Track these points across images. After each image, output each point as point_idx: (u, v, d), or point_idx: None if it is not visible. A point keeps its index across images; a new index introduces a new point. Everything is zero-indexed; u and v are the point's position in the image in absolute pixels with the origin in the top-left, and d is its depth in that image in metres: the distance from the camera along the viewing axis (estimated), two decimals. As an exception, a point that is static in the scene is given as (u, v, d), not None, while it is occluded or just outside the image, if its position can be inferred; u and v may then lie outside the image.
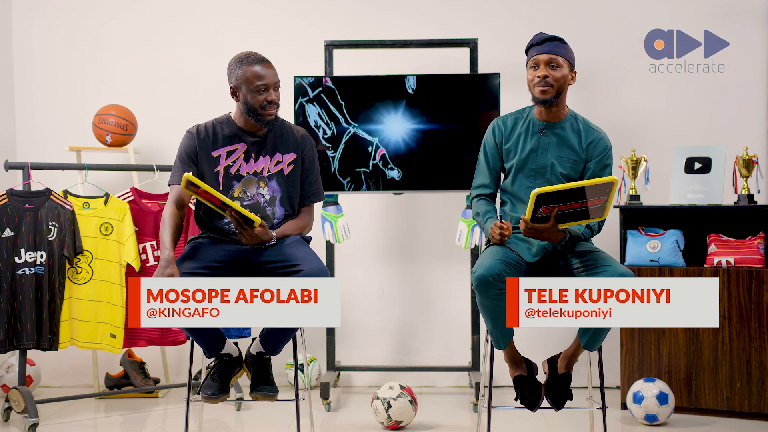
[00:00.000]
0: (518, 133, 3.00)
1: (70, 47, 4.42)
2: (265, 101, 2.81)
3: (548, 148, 2.96)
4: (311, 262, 2.68)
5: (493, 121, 3.10)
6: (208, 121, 2.95)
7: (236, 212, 2.65)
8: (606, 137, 2.99)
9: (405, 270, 4.38)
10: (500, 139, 3.03)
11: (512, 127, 3.03)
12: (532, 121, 3.01)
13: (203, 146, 2.87)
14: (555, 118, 2.98)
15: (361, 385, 4.34)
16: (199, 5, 4.41)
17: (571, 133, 2.97)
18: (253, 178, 2.89)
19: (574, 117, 3.00)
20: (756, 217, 3.74)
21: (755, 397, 3.54)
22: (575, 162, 2.95)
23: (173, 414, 3.79)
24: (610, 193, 2.61)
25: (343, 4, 4.37)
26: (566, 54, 2.92)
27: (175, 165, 2.90)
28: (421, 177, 3.83)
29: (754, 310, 3.54)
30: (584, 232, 2.93)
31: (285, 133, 2.96)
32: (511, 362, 2.96)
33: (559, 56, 2.89)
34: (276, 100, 2.84)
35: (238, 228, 2.71)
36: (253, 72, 2.81)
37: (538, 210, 2.67)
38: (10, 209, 3.58)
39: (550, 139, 2.96)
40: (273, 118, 2.86)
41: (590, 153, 2.96)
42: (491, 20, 4.30)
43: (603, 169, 2.96)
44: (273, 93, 2.83)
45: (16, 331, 3.56)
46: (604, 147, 2.96)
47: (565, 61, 2.91)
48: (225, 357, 2.87)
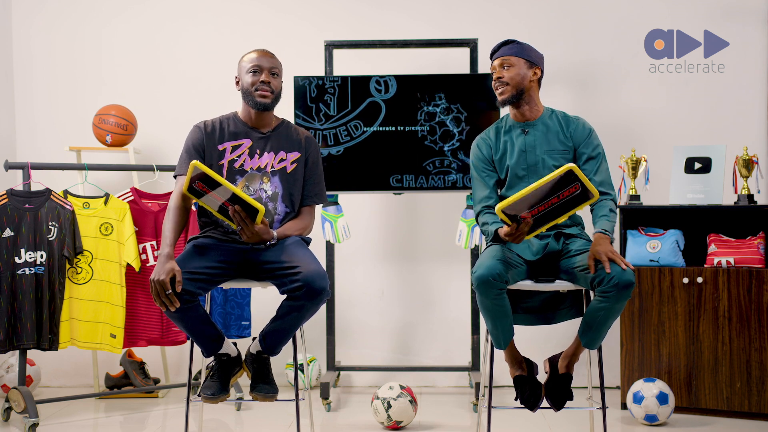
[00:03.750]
0: (504, 141, 3.04)
1: (70, 47, 4.42)
2: (258, 82, 2.88)
3: (536, 145, 2.99)
4: (309, 264, 2.68)
5: (476, 139, 3.11)
6: (215, 117, 3.00)
7: (240, 202, 2.65)
8: (585, 121, 3.04)
9: (405, 270, 4.39)
10: (489, 152, 3.05)
11: (496, 137, 3.06)
12: (512, 125, 3.05)
13: (210, 139, 2.92)
14: (532, 116, 3.02)
15: (361, 385, 4.34)
16: (199, 5, 4.41)
17: (552, 125, 3.01)
18: (256, 173, 2.92)
19: (551, 111, 3.05)
20: (756, 217, 3.74)
21: (755, 397, 3.54)
22: (564, 152, 2.98)
23: (173, 414, 3.79)
24: (578, 176, 2.60)
25: (343, 4, 4.37)
26: (519, 52, 2.97)
27: (182, 157, 2.93)
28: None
29: (754, 310, 3.54)
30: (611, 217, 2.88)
31: (290, 133, 3.01)
32: (511, 362, 2.96)
33: (510, 56, 2.97)
34: (269, 82, 2.89)
35: (240, 224, 2.71)
36: (249, 57, 2.94)
37: (515, 219, 2.68)
38: (10, 209, 3.58)
39: (535, 136, 3.00)
40: (266, 101, 2.90)
41: (576, 139, 2.99)
42: (491, 20, 4.30)
43: (595, 148, 2.98)
44: (266, 75, 2.89)
45: (16, 331, 3.56)
46: (586, 129, 3.00)
47: (519, 59, 2.97)
48: (224, 357, 2.87)
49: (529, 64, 2.98)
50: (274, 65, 2.93)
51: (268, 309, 2.90)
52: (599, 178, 2.95)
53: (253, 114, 2.95)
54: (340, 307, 4.27)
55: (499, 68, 2.99)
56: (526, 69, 2.97)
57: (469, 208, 3.90)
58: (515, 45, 3.00)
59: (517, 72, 2.96)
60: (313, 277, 2.63)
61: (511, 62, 2.96)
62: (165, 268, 2.61)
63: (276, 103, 2.94)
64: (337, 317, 4.22)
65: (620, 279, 2.68)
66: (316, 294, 2.64)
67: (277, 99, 2.94)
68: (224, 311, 3.82)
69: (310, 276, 2.63)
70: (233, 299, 3.85)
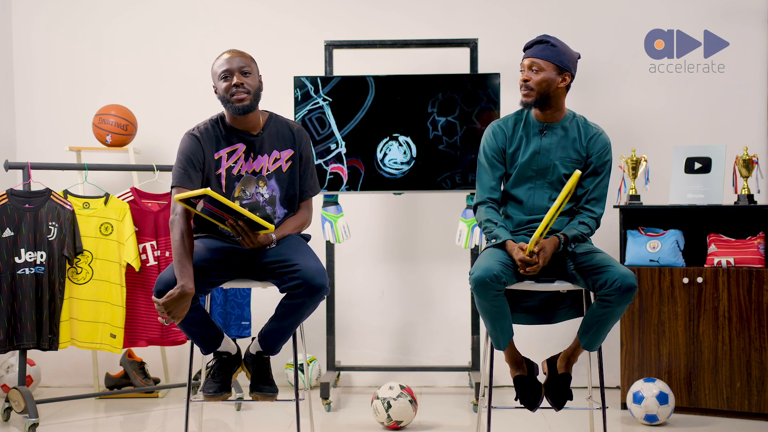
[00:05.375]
0: (520, 136, 2.97)
1: (70, 47, 4.42)
2: (232, 86, 2.77)
3: (550, 149, 2.94)
4: (308, 262, 2.67)
5: (491, 124, 3.03)
6: (202, 122, 2.89)
7: (246, 220, 2.63)
8: (605, 134, 2.98)
9: (405, 270, 4.38)
10: (503, 142, 2.98)
11: (513, 128, 2.99)
12: (531, 122, 2.98)
13: (207, 148, 2.83)
14: (553, 119, 2.96)
15: (361, 385, 4.34)
16: (199, 5, 4.41)
17: (571, 132, 2.95)
18: (252, 177, 2.87)
19: (572, 116, 2.99)
20: (756, 217, 3.74)
21: (755, 397, 3.54)
22: (577, 162, 2.94)
23: (173, 414, 3.79)
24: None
25: (343, 4, 4.37)
26: (550, 56, 2.86)
27: (176, 168, 2.81)
28: (420, 177, 3.84)
29: (754, 310, 3.54)
30: (581, 229, 2.89)
31: (280, 128, 2.91)
32: (511, 362, 2.96)
33: (540, 59, 2.86)
34: (242, 83, 2.76)
35: (241, 234, 2.69)
36: (218, 63, 2.81)
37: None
38: (10, 209, 3.58)
39: (552, 140, 2.94)
40: (245, 103, 2.77)
41: (590, 149, 2.94)
42: (491, 20, 4.29)
43: (603, 164, 2.94)
44: (237, 77, 2.76)
45: (16, 331, 3.56)
46: (603, 143, 2.95)
47: (549, 64, 2.86)
48: (224, 355, 2.87)
49: (559, 70, 2.87)
50: (243, 64, 2.79)
51: (268, 309, 2.90)
52: (594, 194, 2.94)
53: (239, 118, 2.84)
54: (340, 307, 4.27)
55: (527, 70, 2.88)
56: (555, 75, 2.87)
57: (469, 208, 3.90)
58: (548, 47, 2.87)
59: (544, 78, 2.86)
60: (312, 274, 2.63)
61: (540, 66, 2.86)
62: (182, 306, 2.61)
63: (257, 101, 2.82)
64: (337, 317, 4.22)
65: (623, 282, 2.67)
66: (315, 291, 2.64)
67: (257, 97, 2.81)
68: (224, 311, 3.82)
69: (309, 273, 2.63)
70: (233, 299, 3.85)
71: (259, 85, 2.83)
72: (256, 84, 2.81)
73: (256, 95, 2.80)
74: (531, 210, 2.97)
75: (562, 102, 2.95)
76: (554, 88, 2.88)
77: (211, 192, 2.53)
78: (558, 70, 2.87)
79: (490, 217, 2.93)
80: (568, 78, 2.90)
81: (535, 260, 2.75)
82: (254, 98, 2.80)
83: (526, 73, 2.89)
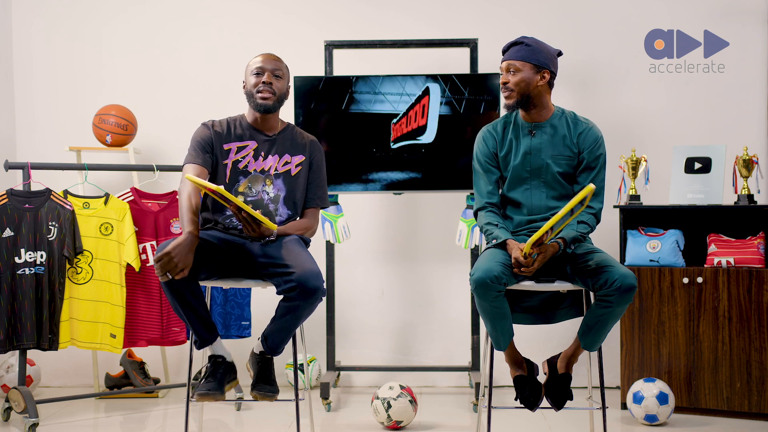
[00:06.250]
0: (509, 139, 3.00)
1: (70, 47, 4.42)
2: (260, 83, 2.90)
3: (541, 148, 2.95)
4: (303, 264, 2.67)
5: (481, 130, 3.07)
6: (222, 118, 3.03)
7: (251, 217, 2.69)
8: (596, 127, 2.98)
9: (405, 270, 4.39)
10: (494, 146, 3.01)
11: (503, 132, 3.01)
12: (520, 124, 3.00)
13: (218, 137, 2.95)
14: (540, 118, 2.97)
15: (361, 385, 4.34)
16: (199, 5, 4.41)
17: (560, 129, 2.96)
18: (259, 175, 2.94)
19: (561, 112, 3.00)
20: (756, 217, 3.74)
21: (755, 397, 3.54)
22: (569, 158, 2.94)
23: (173, 414, 3.79)
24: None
25: (343, 4, 4.37)
26: (526, 56, 2.89)
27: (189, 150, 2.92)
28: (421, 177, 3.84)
29: (754, 310, 3.54)
30: (578, 228, 2.88)
31: (295, 136, 3.03)
32: (511, 362, 2.96)
33: (516, 60, 2.90)
34: (271, 83, 2.90)
35: (242, 223, 2.74)
36: (255, 60, 2.96)
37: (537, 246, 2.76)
38: (10, 209, 3.58)
39: (542, 139, 2.96)
40: (268, 103, 2.91)
41: (581, 144, 2.95)
42: (491, 20, 4.30)
43: (596, 159, 2.94)
44: (268, 77, 2.90)
45: (16, 331, 3.56)
46: (594, 137, 2.95)
47: (525, 64, 2.89)
48: (218, 359, 2.86)
49: (537, 69, 2.89)
50: (277, 67, 2.94)
51: (268, 309, 2.90)
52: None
53: (258, 117, 2.97)
54: (340, 307, 4.27)
55: (505, 72, 2.93)
56: (533, 74, 2.89)
57: (469, 208, 3.90)
58: (522, 48, 2.91)
59: (522, 78, 2.89)
60: (306, 276, 2.64)
61: (516, 67, 2.89)
62: (187, 255, 2.60)
63: (279, 105, 2.95)
64: (337, 317, 4.23)
65: (622, 283, 2.67)
66: (310, 294, 2.64)
67: (281, 101, 2.95)
68: (224, 311, 3.82)
69: (303, 276, 2.64)
70: (233, 299, 3.85)
71: (286, 91, 2.98)
72: (284, 89, 2.96)
73: (280, 99, 2.95)
74: (530, 210, 2.98)
75: (546, 100, 2.96)
76: (534, 87, 2.91)
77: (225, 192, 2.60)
78: (535, 68, 2.90)
79: (490, 220, 2.95)
80: (547, 75, 2.92)
81: (529, 262, 2.75)
82: (278, 101, 2.95)
83: (504, 75, 2.93)
